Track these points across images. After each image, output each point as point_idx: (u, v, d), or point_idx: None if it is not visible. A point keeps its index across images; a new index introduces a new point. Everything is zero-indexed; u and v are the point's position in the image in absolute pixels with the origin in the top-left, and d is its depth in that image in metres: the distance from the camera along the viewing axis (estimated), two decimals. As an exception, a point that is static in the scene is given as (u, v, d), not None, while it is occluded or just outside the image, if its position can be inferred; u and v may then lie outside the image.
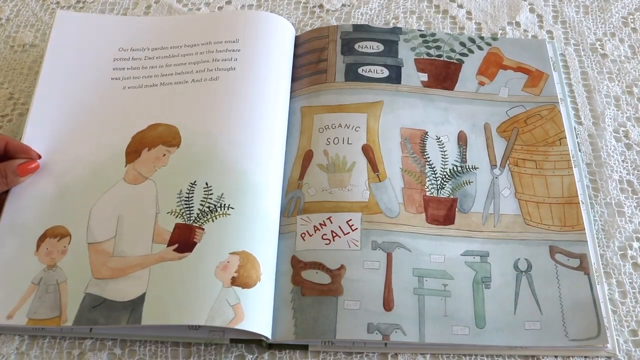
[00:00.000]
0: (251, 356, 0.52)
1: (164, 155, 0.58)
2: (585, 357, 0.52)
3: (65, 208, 0.56)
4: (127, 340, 0.52)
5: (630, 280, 0.56)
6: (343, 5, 0.75)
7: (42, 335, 0.53)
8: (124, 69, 0.64)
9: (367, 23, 0.73)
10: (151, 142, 0.58)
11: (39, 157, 0.58)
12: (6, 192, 0.57)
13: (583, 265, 0.55)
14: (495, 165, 0.61)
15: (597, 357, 0.52)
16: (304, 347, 0.52)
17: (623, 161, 0.63)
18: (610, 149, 0.63)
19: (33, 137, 0.59)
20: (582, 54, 0.71)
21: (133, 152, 0.58)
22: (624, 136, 0.64)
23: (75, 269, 0.53)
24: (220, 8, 0.75)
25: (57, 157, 0.59)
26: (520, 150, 0.61)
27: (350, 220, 0.56)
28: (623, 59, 0.70)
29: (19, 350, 0.52)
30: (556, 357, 0.52)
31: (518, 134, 0.62)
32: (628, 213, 0.60)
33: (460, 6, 0.75)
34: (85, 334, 0.52)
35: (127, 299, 0.51)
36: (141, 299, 0.51)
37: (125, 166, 0.57)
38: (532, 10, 0.74)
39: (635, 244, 0.58)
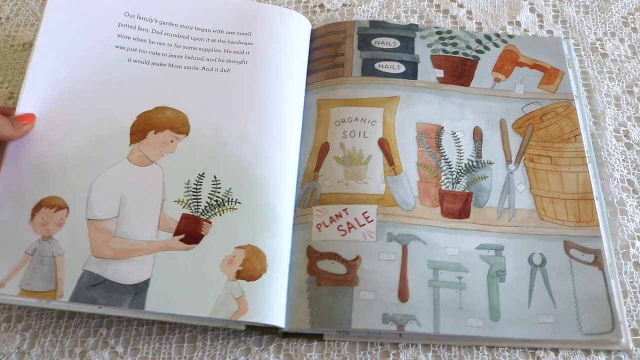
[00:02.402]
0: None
1: (172, 141, 0.57)
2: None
3: (63, 179, 0.54)
4: (130, 339, 0.53)
5: (631, 280, 0.56)
6: (343, 5, 0.75)
7: (43, 334, 0.52)
8: (129, 37, 0.62)
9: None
10: (158, 125, 0.57)
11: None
12: (2, 154, 0.55)
13: (597, 261, 0.55)
14: (511, 161, 0.61)
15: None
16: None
17: (624, 160, 0.63)
18: (610, 149, 0.63)
19: (30, 96, 0.57)
20: (582, 53, 0.70)
21: (139, 132, 0.57)
22: (624, 136, 0.65)
23: (72, 243, 0.52)
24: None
25: (56, 121, 0.56)
26: (535, 147, 0.61)
27: (366, 212, 0.57)
28: (623, 59, 0.70)
29: (20, 349, 0.52)
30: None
31: (533, 130, 0.62)
32: (629, 212, 0.60)
33: (461, 6, 0.75)
34: (94, 308, 0.50)
35: (130, 282, 0.51)
36: (145, 284, 0.51)
37: (130, 145, 0.56)
38: (532, 10, 0.74)
39: (637, 243, 0.58)
